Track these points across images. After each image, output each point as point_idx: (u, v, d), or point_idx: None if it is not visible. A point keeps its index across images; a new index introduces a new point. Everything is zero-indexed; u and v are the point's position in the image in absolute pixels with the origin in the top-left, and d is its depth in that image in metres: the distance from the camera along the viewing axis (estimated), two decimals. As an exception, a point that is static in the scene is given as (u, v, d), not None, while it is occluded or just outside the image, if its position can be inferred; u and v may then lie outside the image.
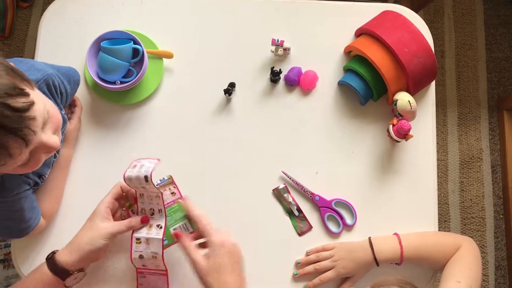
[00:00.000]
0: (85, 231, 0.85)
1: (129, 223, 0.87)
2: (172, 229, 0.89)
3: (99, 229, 0.84)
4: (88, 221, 0.86)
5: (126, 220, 0.87)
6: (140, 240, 0.86)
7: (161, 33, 1.08)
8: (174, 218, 0.90)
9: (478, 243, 1.85)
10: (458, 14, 2.05)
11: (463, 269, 0.88)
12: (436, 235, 1.01)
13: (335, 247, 0.97)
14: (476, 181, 1.91)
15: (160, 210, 0.88)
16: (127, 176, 0.86)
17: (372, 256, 0.93)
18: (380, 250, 0.94)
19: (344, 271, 0.95)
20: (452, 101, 1.97)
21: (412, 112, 0.97)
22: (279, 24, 1.10)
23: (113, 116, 1.04)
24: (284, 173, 1.02)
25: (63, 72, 0.91)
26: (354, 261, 0.95)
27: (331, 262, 0.95)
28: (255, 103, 1.06)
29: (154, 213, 0.89)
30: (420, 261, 0.96)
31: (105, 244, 0.84)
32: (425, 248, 0.95)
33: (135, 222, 0.87)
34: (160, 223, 0.88)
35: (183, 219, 0.90)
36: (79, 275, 0.86)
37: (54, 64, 0.92)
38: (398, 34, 0.98)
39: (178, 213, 0.90)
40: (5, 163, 0.66)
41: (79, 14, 1.09)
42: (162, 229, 0.86)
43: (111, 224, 0.85)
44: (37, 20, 1.93)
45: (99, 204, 0.87)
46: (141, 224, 0.88)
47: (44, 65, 0.87)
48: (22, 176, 0.84)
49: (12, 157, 0.66)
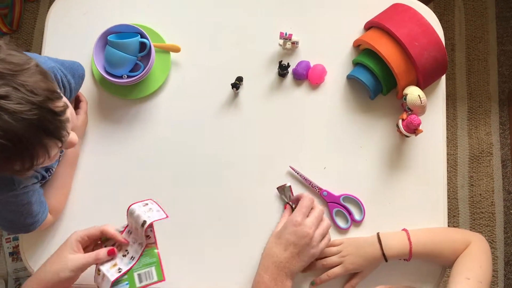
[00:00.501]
0: (52, 263, 0.83)
1: (96, 255, 0.84)
2: (137, 274, 0.87)
3: (67, 261, 0.82)
4: (56, 252, 0.84)
5: (94, 252, 0.84)
6: (100, 272, 0.85)
7: (168, 27, 1.07)
8: (143, 262, 0.88)
9: (488, 238, 1.84)
10: (469, 6, 2.02)
11: (473, 265, 0.88)
12: (445, 231, 1.00)
13: (343, 243, 0.96)
14: (486, 175, 1.89)
15: (132, 257, 0.87)
16: (132, 209, 0.86)
17: (381, 251, 0.93)
18: (389, 245, 0.93)
19: (352, 267, 0.94)
20: (462, 95, 1.95)
21: (422, 106, 0.96)
22: (288, 17, 1.09)
23: (120, 110, 1.04)
24: (291, 168, 1.02)
25: (66, 66, 0.91)
26: (363, 257, 0.94)
27: (339, 258, 0.94)
28: (262, 98, 1.06)
29: (126, 256, 0.87)
30: (429, 257, 0.96)
31: (71, 277, 0.82)
32: (434, 244, 0.94)
33: (102, 255, 0.85)
34: (123, 267, 0.86)
35: (150, 265, 0.88)
36: None
37: (57, 58, 0.91)
38: (408, 27, 0.96)
39: (147, 258, 0.88)
40: (42, 162, 0.68)
41: (86, 7, 1.08)
42: (119, 273, 0.85)
43: (79, 256, 0.83)
44: (44, 13, 1.93)
45: (71, 235, 0.85)
46: (108, 256, 0.85)
47: (47, 58, 0.87)
48: None
49: (50, 157, 0.69)
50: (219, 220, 1.00)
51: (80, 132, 1.00)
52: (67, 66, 0.91)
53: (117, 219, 0.91)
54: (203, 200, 1.01)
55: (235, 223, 1.00)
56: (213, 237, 1.00)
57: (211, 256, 0.99)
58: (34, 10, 1.96)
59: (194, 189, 1.01)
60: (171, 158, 1.02)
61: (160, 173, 1.01)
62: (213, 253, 0.99)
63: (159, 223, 0.85)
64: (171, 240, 0.97)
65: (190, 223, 1.00)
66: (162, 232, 0.88)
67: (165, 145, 1.03)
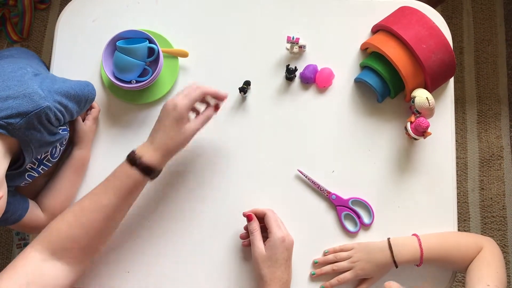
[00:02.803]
0: (168, 132, 0.87)
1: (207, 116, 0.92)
2: None
3: (185, 131, 0.88)
4: (168, 123, 0.87)
5: (204, 115, 0.92)
6: None
7: (176, 32, 1.08)
8: None
9: (499, 242, 1.82)
10: (477, 9, 2.01)
11: (489, 271, 0.87)
12: (457, 236, 0.99)
13: (353, 248, 0.96)
14: (496, 179, 1.87)
15: None
16: None
17: (391, 258, 0.92)
18: (400, 252, 0.92)
19: (363, 273, 0.93)
20: (472, 98, 1.93)
21: (431, 109, 0.96)
22: (294, 21, 1.10)
23: (129, 115, 1.05)
24: (300, 171, 1.02)
25: (72, 95, 0.88)
26: (373, 263, 0.93)
27: (349, 263, 0.94)
28: (270, 101, 1.06)
29: None
30: (440, 263, 0.95)
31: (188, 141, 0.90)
32: (445, 250, 0.94)
33: (211, 112, 0.93)
34: None
35: None
36: None
37: (65, 84, 0.88)
38: (415, 30, 0.96)
39: None
40: None
41: (95, 15, 1.10)
42: None
43: (193, 123, 0.89)
44: (54, 21, 1.95)
45: (176, 108, 0.86)
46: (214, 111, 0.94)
47: (48, 92, 0.82)
48: None
49: None
50: (227, 224, 1.00)
51: (87, 138, 1.00)
52: (73, 95, 0.88)
53: (127, 221, 0.91)
54: (211, 204, 1.01)
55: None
56: (223, 240, 1.00)
57: (226, 263, 0.99)
58: (44, 18, 1.98)
59: (201, 192, 1.01)
60: (179, 162, 1.02)
61: (168, 177, 1.02)
62: (230, 258, 0.99)
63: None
64: (182, 245, 0.98)
65: (197, 225, 1.00)
66: (170, 236, 0.88)
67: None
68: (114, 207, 0.84)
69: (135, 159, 0.85)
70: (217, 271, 0.98)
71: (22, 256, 0.79)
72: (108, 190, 0.85)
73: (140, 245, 0.98)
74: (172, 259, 0.98)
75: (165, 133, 0.87)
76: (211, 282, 0.98)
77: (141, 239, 0.99)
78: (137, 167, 0.85)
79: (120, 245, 0.98)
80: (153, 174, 0.87)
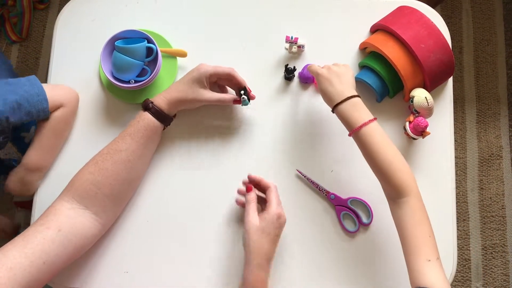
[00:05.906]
0: (179, 85, 0.96)
1: (229, 97, 0.98)
2: None
3: (196, 92, 0.95)
4: (185, 79, 0.96)
5: (221, 95, 0.97)
6: None
7: (175, 32, 1.08)
8: None
9: (499, 242, 1.82)
10: (476, 9, 2.01)
11: (425, 241, 0.81)
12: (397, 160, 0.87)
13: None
14: (495, 179, 1.87)
15: None
16: None
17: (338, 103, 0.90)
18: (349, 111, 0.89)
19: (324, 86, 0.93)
20: (471, 98, 1.93)
21: (429, 108, 0.96)
22: (293, 21, 1.10)
23: (128, 115, 1.05)
24: (299, 171, 1.02)
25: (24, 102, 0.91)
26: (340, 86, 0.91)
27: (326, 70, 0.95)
28: (269, 101, 1.06)
29: None
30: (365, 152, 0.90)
31: (196, 104, 0.97)
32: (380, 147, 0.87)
33: (229, 98, 0.98)
34: None
35: None
36: None
37: (15, 90, 0.91)
38: (414, 29, 0.96)
39: None
40: None
41: (93, 15, 1.10)
42: None
43: (207, 93, 0.96)
44: (53, 21, 1.95)
45: (200, 70, 0.95)
46: (233, 103, 0.99)
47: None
48: None
49: None
50: (228, 226, 1.00)
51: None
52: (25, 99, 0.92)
53: (125, 222, 0.91)
54: (209, 205, 1.01)
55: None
56: (223, 241, 1.00)
57: (223, 264, 0.99)
58: (43, 18, 1.98)
59: (201, 192, 1.01)
60: (177, 161, 1.02)
61: (166, 176, 1.02)
62: (227, 260, 0.99)
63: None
64: (182, 247, 0.98)
65: (194, 226, 1.00)
66: (169, 236, 0.88)
67: (172, 149, 1.03)
68: (133, 152, 0.91)
69: (148, 103, 0.93)
70: (217, 272, 0.98)
71: (52, 206, 0.85)
72: (125, 136, 0.91)
73: (139, 245, 0.98)
74: (171, 259, 0.98)
75: (177, 85, 0.96)
76: (211, 282, 0.98)
77: (140, 239, 0.99)
78: (149, 111, 0.93)
79: (118, 246, 0.98)
80: (164, 119, 0.94)
